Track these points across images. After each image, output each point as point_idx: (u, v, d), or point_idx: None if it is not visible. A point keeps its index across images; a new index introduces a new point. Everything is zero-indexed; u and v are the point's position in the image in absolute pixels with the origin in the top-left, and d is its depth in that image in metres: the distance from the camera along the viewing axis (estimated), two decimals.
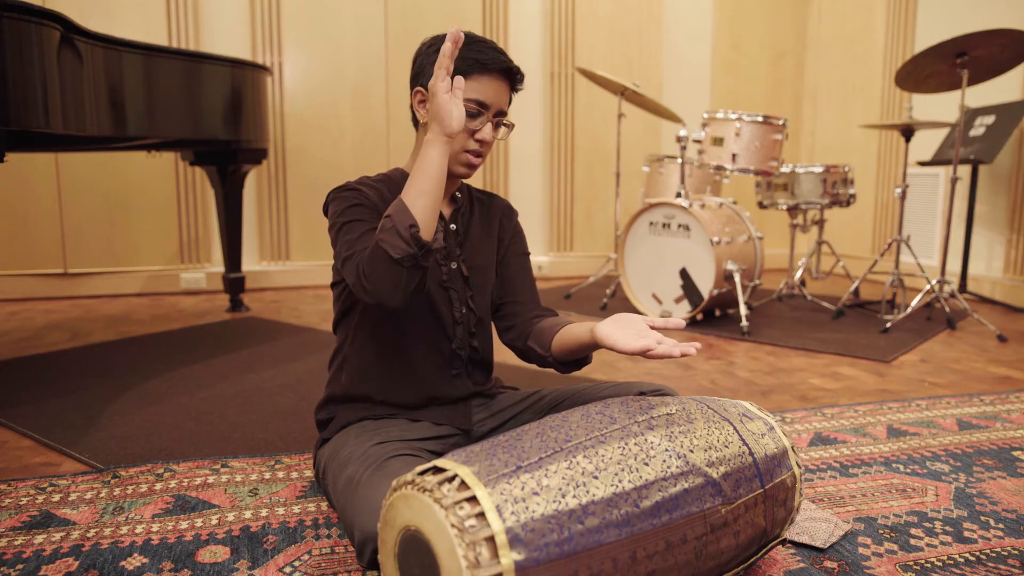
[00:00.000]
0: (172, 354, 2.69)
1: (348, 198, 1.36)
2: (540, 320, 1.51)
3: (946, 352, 2.83)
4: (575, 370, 1.46)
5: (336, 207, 1.36)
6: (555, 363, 1.44)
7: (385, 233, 1.20)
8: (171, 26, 3.81)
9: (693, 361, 2.70)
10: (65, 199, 3.76)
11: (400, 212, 1.21)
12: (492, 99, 1.36)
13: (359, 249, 1.28)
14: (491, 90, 1.36)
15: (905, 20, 4.40)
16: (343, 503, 1.20)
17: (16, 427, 1.92)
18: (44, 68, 1.98)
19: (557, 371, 1.46)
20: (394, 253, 1.19)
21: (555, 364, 1.44)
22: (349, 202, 1.35)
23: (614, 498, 0.95)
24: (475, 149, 1.37)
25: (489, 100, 1.36)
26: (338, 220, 1.35)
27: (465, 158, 1.38)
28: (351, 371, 1.47)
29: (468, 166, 1.39)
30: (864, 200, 4.69)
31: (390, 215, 1.22)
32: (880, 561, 1.28)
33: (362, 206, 1.35)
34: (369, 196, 1.36)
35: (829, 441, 1.86)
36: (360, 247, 1.28)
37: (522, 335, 1.51)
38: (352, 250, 1.29)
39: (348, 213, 1.34)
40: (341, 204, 1.36)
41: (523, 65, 1.55)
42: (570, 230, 4.78)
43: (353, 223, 1.33)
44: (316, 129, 4.19)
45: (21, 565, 1.25)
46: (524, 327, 1.52)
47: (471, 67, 1.34)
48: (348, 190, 1.37)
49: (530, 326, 1.51)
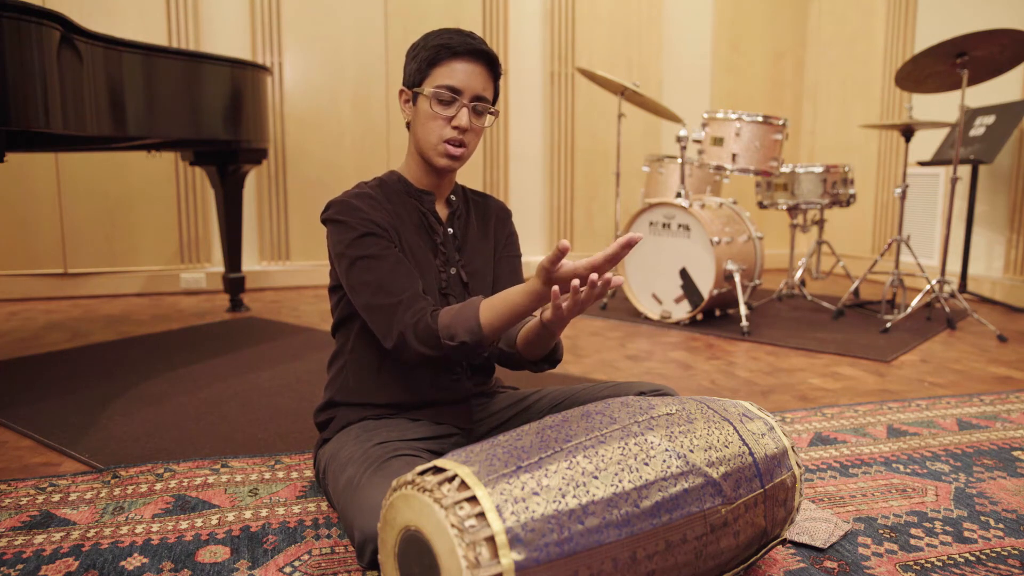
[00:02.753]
0: (172, 354, 2.69)
1: (354, 226, 1.33)
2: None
3: (946, 352, 2.83)
4: (547, 367, 1.42)
5: (341, 235, 1.34)
6: (521, 357, 1.41)
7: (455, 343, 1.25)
8: (171, 26, 3.81)
9: (693, 361, 2.70)
10: (65, 199, 3.76)
11: (476, 336, 1.24)
12: (464, 83, 1.35)
13: (390, 303, 1.29)
14: (462, 74, 1.35)
15: (905, 20, 4.40)
16: (343, 503, 1.20)
17: (16, 427, 1.92)
18: (44, 68, 1.98)
19: (529, 368, 1.44)
20: (453, 355, 1.27)
21: (524, 361, 1.42)
22: (357, 232, 1.33)
23: (614, 498, 0.95)
24: (453, 137, 1.36)
25: (461, 85, 1.35)
26: (348, 252, 1.33)
27: (443, 148, 1.37)
28: (351, 375, 1.47)
29: (448, 156, 1.38)
30: (864, 200, 4.69)
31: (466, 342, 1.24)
32: (880, 561, 1.28)
33: (372, 235, 1.33)
34: (374, 217, 1.34)
35: (829, 441, 1.86)
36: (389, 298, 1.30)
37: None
38: (379, 299, 1.30)
39: (358, 246, 1.33)
40: (348, 233, 1.34)
41: (523, 65, 1.55)
42: (570, 230, 4.78)
43: (368, 260, 1.32)
44: (316, 129, 4.19)
45: (21, 565, 1.25)
46: None
47: (438, 53, 1.35)
48: (350, 211, 1.34)
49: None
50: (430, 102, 1.35)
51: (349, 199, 1.37)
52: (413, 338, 1.27)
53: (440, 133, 1.36)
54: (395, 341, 1.29)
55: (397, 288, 1.30)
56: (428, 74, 1.36)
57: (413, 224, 1.42)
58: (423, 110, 1.37)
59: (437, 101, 1.35)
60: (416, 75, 1.38)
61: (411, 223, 1.42)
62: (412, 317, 1.28)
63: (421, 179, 1.45)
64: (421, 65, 1.37)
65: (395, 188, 1.44)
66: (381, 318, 1.30)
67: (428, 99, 1.35)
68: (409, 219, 1.42)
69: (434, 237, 1.44)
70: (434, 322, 1.27)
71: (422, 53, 1.37)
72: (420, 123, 1.38)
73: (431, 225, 1.44)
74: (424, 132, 1.38)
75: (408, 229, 1.41)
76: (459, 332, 1.25)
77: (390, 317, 1.29)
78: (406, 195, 1.44)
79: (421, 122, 1.38)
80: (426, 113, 1.36)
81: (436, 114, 1.36)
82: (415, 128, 1.40)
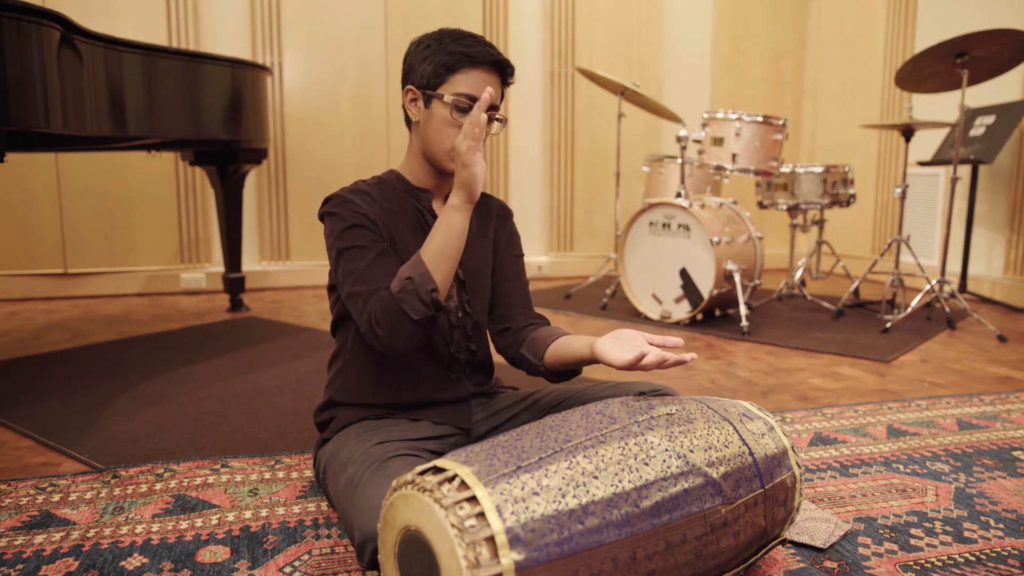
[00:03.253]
0: (172, 354, 2.69)
1: (344, 218, 1.34)
2: (534, 328, 1.51)
3: (946, 352, 2.83)
4: (565, 380, 1.47)
5: (333, 226, 1.36)
6: (546, 372, 1.45)
7: (406, 294, 1.24)
8: (171, 26, 3.81)
9: (693, 361, 2.69)
10: (65, 199, 3.76)
11: (421, 276, 1.25)
12: (482, 92, 1.35)
13: (367, 290, 1.29)
14: (481, 84, 1.36)
15: (905, 20, 4.40)
16: (343, 503, 1.20)
17: (16, 427, 1.92)
18: (44, 68, 1.98)
19: (547, 380, 1.47)
20: (413, 315, 1.25)
21: (546, 374, 1.46)
22: (346, 223, 1.34)
23: (614, 498, 0.95)
24: None
25: (479, 94, 1.35)
26: (336, 243, 1.34)
27: None
28: (351, 375, 1.47)
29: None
30: (864, 200, 4.69)
31: (411, 277, 1.25)
32: (880, 561, 1.28)
33: (360, 227, 1.34)
34: (365, 211, 1.35)
35: (829, 441, 1.86)
36: (367, 285, 1.30)
37: (515, 342, 1.51)
38: (358, 286, 1.30)
39: (346, 237, 1.34)
40: (338, 224, 1.35)
41: (523, 65, 1.56)
42: (570, 230, 4.78)
43: (353, 250, 1.33)
44: (316, 129, 4.19)
45: (21, 565, 1.25)
46: (517, 334, 1.52)
47: (460, 61, 1.35)
48: (343, 204, 1.36)
49: (523, 334, 1.51)
50: (450, 109, 1.35)
51: (344, 193, 1.38)
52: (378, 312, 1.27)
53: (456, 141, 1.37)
54: (366, 326, 1.29)
55: (374, 279, 1.31)
56: (446, 79, 1.36)
57: (410, 222, 1.43)
58: (439, 115, 1.37)
59: (457, 109, 1.35)
60: (432, 78, 1.37)
61: (407, 221, 1.42)
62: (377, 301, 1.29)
63: (422, 178, 1.45)
64: (438, 69, 1.36)
65: (393, 186, 1.44)
66: (357, 307, 1.31)
67: (447, 106, 1.35)
68: (405, 217, 1.42)
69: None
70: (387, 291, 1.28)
71: (440, 57, 1.36)
72: (434, 128, 1.38)
73: (427, 223, 1.44)
74: (439, 138, 1.38)
75: (404, 227, 1.41)
76: (403, 272, 1.27)
77: (364, 306, 1.30)
78: (404, 193, 1.44)
79: (436, 127, 1.38)
80: (443, 119, 1.36)
81: (455, 121, 1.36)
82: (427, 131, 1.40)
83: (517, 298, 1.55)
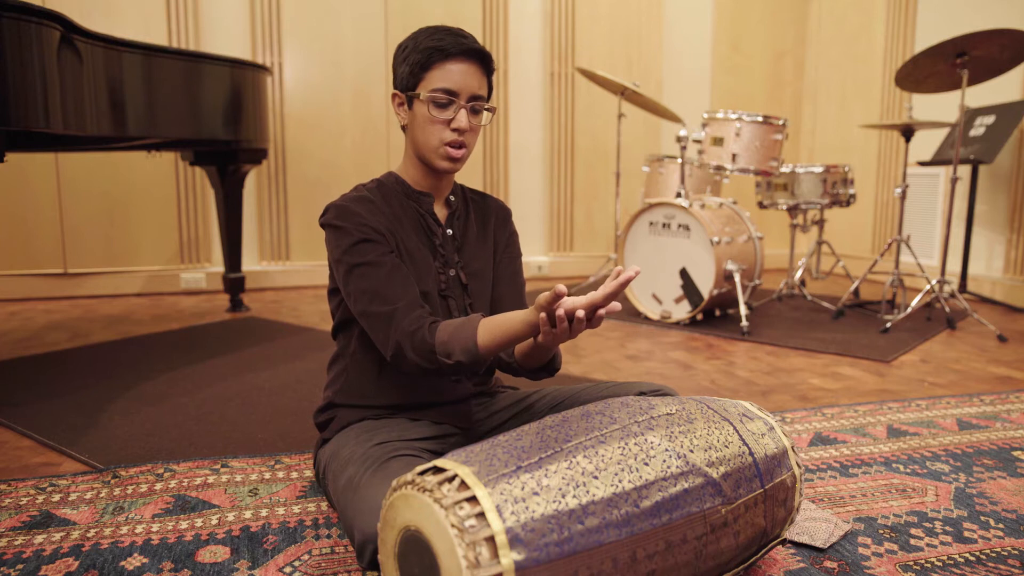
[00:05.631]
0: (172, 354, 2.69)
1: (351, 232, 1.33)
2: None
3: (946, 352, 2.83)
4: (545, 376, 1.42)
5: (339, 240, 1.34)
6: (519, 368, 1.41)
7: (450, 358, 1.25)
8: (171, 26, 3.81)
9: (693, 361, 2.70)
10: (65, 199, 3.76)
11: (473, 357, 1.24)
12: (460, 85, 1.34)
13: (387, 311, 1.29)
14: (457, 75, 1.34)
15: (905, 20, 4.40)
16: (343, 503, 1.20)
17: (16, 427, 1.92)
18: (44, 68, 1.98)
19: (527, 378, 1.44)
20: (451, 375, 1.32)
21: (520, 369, 1.42)
22: (354, 238, 1.33)
23: (614, 498, 0.95)
24: (453, 140, 1.36)
25: (457, 87, 1.34)
26: (345, 258, 1.33)
27: (444, 151, 1.37)
28: (352, 377, 1.47)
29: (449, 159, 1.38)
30: (864, 200, 4.69)
31: (469, 351, 1.24)
32: (880, 561, 1.28)
33: (368, 242, 1.33)
34: (370, 222, 1.34)
35: (829, 441, 1.86)
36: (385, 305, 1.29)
37: None
38: (375, 306, 1.30)
39: (356, 252, 1.32)
40: (345, 239, 1.33)
41: (523, 65, 1.55)
42: (570, 230, 4.78)
43: (364, 267, 1.32)
44: (316, 129, 4.19)
45: (21, 565, 1.25)
46: None
47: (431, 56, 1.33)
48: (347, 216, 1.34)
49: None
50: (427, 106, 1.35)
51: (347, 203, 1.36)
52: (410, 350, 1.27)
53: (440, 136, 1.36)
54: (392, 351, 1.29)
55: (393, 296, 1.30)
56: (422, 77, 1.35)
57: (412, 226, 1.42)
58: (420, 114, 1.36)
59: (434, 105, 1.34)
60: (409, 79, 1.36)
61: (410, 225, 1.42)
62: (410, 326, 1.28)
63: (420, 181, 1.45)
64: (414, 68, 1.35)
65: (393, 190, 1.44)
66: (378, 327, 1.31)
67: (425, 103, 1.35)
68: (408, 221, 1.42)
69: (433, 239, 1.44)
70: (431, 336, 1.26)
71: (413, 56, 1.35)
72: (418, 127, 1.38)
73: (430, 227, 1.44)
74: (424, 136, 1.37)
75: (407, 231, 1.41)
76: (455, 351, 1.25)
77: (387, 327, 1.29)
78: (405, 197, 1.44)
79: (419, 126, 1.37)
80: (424, 117, 1.36)
81: (434, 118, 1.35)
82: (413, 132, 1.40)
83: (511, 300, 1.53)
